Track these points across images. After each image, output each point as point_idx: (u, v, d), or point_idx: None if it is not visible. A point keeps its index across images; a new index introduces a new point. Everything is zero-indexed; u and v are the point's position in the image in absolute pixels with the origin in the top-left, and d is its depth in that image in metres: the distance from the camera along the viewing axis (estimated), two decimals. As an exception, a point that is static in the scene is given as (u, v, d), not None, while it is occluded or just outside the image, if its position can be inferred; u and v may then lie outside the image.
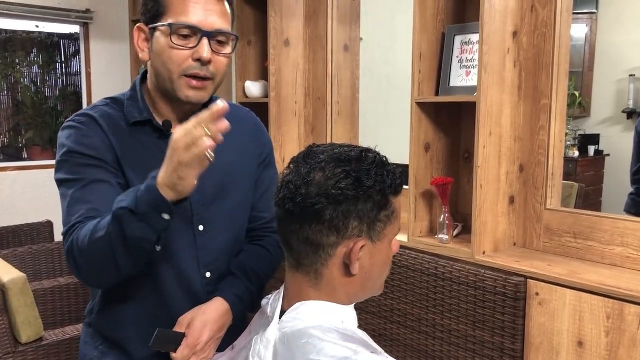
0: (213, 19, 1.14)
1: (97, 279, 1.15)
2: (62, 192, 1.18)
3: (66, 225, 1.13)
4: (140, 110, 1.22)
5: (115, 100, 1.26)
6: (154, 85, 1.22)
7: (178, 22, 1.12)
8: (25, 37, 4.45)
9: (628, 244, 1.72)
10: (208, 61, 1.15)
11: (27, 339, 1.98)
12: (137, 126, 1.22)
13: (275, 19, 2.80)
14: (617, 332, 1.54)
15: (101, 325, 1.29)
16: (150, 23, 1.17)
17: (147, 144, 1.22)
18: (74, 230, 1.10)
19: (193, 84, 1.16)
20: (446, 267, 1.88)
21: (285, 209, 0.91)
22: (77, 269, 1.11)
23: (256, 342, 0.97)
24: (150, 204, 0.99)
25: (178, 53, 1.14)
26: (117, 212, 1.01)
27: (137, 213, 0.99)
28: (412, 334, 2.00)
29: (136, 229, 1.00)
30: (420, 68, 2.04)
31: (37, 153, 4.59)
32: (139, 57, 1.22)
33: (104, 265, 1.07)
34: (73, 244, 1.09)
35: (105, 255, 1.05)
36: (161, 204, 0.99)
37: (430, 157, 2.09)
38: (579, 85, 4.69)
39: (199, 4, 1.13)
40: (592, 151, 4.59)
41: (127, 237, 1.01)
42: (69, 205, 1.15)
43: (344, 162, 0.90)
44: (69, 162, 1.17)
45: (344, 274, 0.93)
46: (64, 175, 1.18)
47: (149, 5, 1.17)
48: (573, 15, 1.94)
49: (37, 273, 3.00)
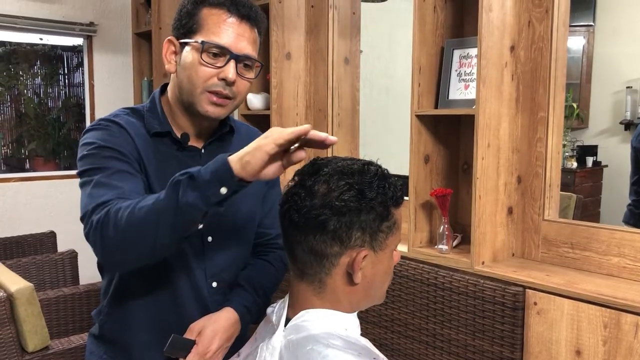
0: (243, 44, 1.20)
1: (125, 255, 1.08)
2: (85, 180, 1.16)
3: (89, 205, 1.09)
4: (160, 121, 1.26)
5: (135, 110, 1.29)
6: (175, 97, 1.26)
7: (210, 40, 1.17)
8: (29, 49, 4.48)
9: (625, 254, 1.75)
10: (232, 82, 1.19)
11: (34, 347, 2.00)
12: (157, 137, 1.25)
13: (277, 33, 2.84)
14: (614, 341, 1.56)
15: (109, 327, 1.30)
16: (182, 38, 1.21)
17: (166, 154, 1.25)
18: (105, 207, 1.06)
19: (214, 99, 1.20)
20: (446, 277, 1.91)
21: (290, 220, 0.95)
22: (104, 244, 1.06)
23: (262, 350, 1.00)
24: (214, 171, 0.98)
25: (205, 70, 1.18)
26: (177, 178, 1.00)
27: (198, 179, 0.98)
28: (413, 344, 2.02)
29: (191, 196, 0.98)
30: (420, 81, 2.08)
31: (40, 164, 4.62)
32: (165, 68, 1.26)
33: (141, 239, 1.03)
34: (107, 216, 1.04)
35: (146, 227, 1.02)
36: (225, 173, 0.98)
37: (429, 169, 2.12)
38: (576, 97, 4.72)
39: (232, 27, 1.19)
40: (590, 162, 4.61)
41: (178, 204, 0.98)
42: (95, 187, 1.12)
43: (347, 175, 0.93)
44: (96, 155, 1.17)
45: (347, 282, 0.96)
46: (89, 165, 1.17)
47: (183, 21, 1.21)
48: (570, 28, 1.97)
49: (40, 283, 3.02)
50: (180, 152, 1.27)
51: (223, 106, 1.22)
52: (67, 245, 3.41)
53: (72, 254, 3.18)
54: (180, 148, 1.27)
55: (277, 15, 2.83)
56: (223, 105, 1.22)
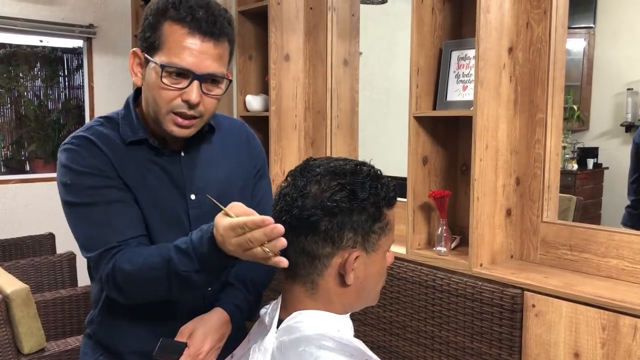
0: (207, 62, 1.13)
1: (140, 301, 1.19)
2: (74, 216, 1.19)
3: (91, 249, 1.16)
4: (134, 129, 1.23)
5: (110, 119, 1.26)
6: (146, 109, 1.22)
7: (171, 62, 1.11)
8: (29, 51, 4.49)
9: (623, 256, 1.74)
10: (196, 104, 1.15)
11: (30, 349, 2.00)
12: (133, 145, 1.22)
13: (275, 34, 2.84)
14: (613, 343, 1.55)
15: (102, 333, 1.30)
16: (146, 52, 1.16)
17: (145, 161, 1.23)
18: (111, 256, 1.13)
19: (179, 121, 1.16)
20: (444, 279, 1.90)
21: (282, 220, 0.94)
22: (120, 293, 1.15)
23: (254, 351, 0.99)
24: (217, 263, 1.04)
25: (167, 93, 1.13)
26: (183, 274, 1.05)
27: (203, 270, 1.05)
28: (411, 346, 2.01)
29: (203, 280, 1.07)
30: (418, 83, 2.07)
31: (40, 166, 4.62)
32: (132, 80, 1.22)
33: (156, 294, 1.13)
34: (115, 271, 1.12)
35: (159, 287, 1.10)
36: (226, 260, 1.02)
37: (428, 170, 2.12)
38: (577, 99, 4.71)
39: (195, 45, 1.12)
40: (590, 164, 4.59)
41: (193, 285, 1.08)
42: (91, 227, 1.16)
43: (339, 175, 0.93)
44: (78, 185, 1.17)
45: (339, 284, 0.95)
46: (75, 199, 1.17)
47: (146, 34, 1.16)
48: (570, 30, 1.97)
49: (38, 285, 3.01)
50: (159, 158, 1.24)
51: (190, 127, 1.18)
52: (66, 247, 3.41)
53: (70, 256, 3.18)
54: (159, 154, 1.24)
55: (275, 17, 2.83)
56: (189, 126, 1.18)
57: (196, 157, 1.28)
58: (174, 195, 1.24)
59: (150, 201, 1.21)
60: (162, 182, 1.24)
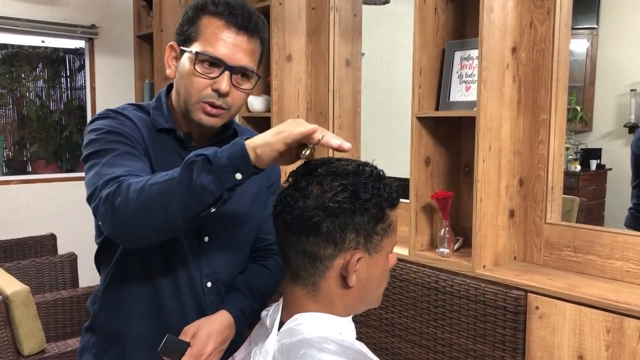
0: (239, 55, 1.18)
1: (134, 230, 1.07)
2: (92, 163, 1.16)
3: (98, 182, 1.10)
4: (165, 118, 1.27)
5: (141, 107, 1.31)
6: (176, 101, 1.27)
7: (205, 51, 1.17)
8: (31, 52, 4.49)
9: (628, 258, 1.73)
10: (225, 93, 1.18)
11: (30, 351, 1.99)
12: (162, 133, 1.26)
13: (277, 35, 2.83)
14: (617, 346, 1.54)
15: (103, 317, 1.30)
16: (182, 44, 1.21)
17: (170, 150, 1.26)
18: (115, 182, 1.07)
19: (207, 109, 1.20)
20: (447, 280, 1.89)
21: (284, 221, 0.93)
22: (114, 217, 1.05)
23: (255, 354, 0.98)
24: (231, 156, 0.99)
25: (199, 80, 1.18)
26: (192, 158, 1.00)
27: (214, 162, 0.98)
28: (413, 348, 2.00)
29: (206, 179, 0.98)
30: (421, 83, 2.06)
31: (42, 166, 4.61)
32: (166, 72, 1.27)
33: (152, 215, 1.03)
34: (118, 189, 1.05)
35: (157, 203, 1.01)
36: (242, 159, 0.98)
37: (430, 171, 2.11)
38: (580, 100, 4.70)
39: (229, 38, 1.17)
40: (594, 165, 4.59)
41: (192, 185, 0.98)
42: (103, 166, 1.13)
43: (341, 176, 0.92)
44: (103, 139, 1.18)
45: (341, 285, 0.94)
46: (96, 148, 1.17)
47: (184, 27, 1.21)
48: (574, 31, 1.96)
49: (40, 286, 3.01)
50: (184, 151, 1.26)
51: (217, 116, 1.22)
52: (67, 248, 3.41)
53: (71, 257, 3.18)
54: (183, 147, 1.27)
55: (277, 17, 2.82)
56: (217, 115, 1.21)
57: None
58: None
59: None
60: None
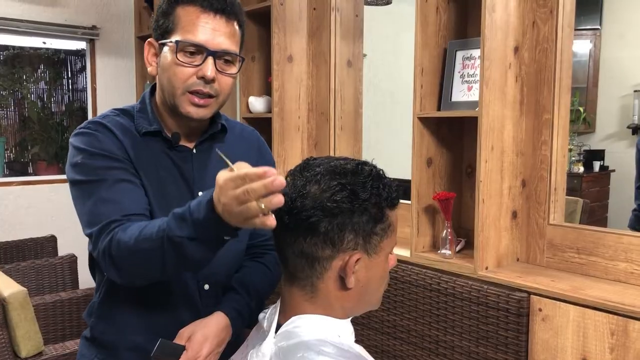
0: (220, 39, 1.16)
1: (136, 279, 1.12)
2: (81, 193, 1.16)
3: (94, 224, 1.11)
4: (150, 121, 1.25)
5: (125, 111, 1.28)
6: (161, 99, 1.25)
7: (185, 39, 1.15)
8: (33, 53, 4.48)
9: (632, 260, 1.71)
10: (211, 79, 1.16)
11: (27, 353, 1.98)
12: (147, 136, 1.24)
13: (278, 35, 2.81)
14: (622, 348, 1.52)
15: (100, 329, 1.29)
16: (160, 39, 1.20)
17: (157, 153, 1.24)
18: (111, 230, 1.08)
19: (195, 100, 1.18)
20: (449, 282, 1.87)
21: (281, 221, 0.91)
22: (115, 269, 1.09)
23: (252, 357, 0.96)
24: (212, 232, 0.95)
25: (183, 70, 1.16)
26: (176, 240, 0.97)
27: (198, 239, 0.96)
28: (415, 350, 1.98)
29: (197, 252, 0.98)
30: (422, 83, 2.04)
31: (43, 168, 4.60)
32: (148, 70, 1.24)
33: (150, 269, 1.05)
34: (112, 243, 1.06)
35: (153, 258, 1.02)
36: (222, 229, 0.94)
37: (432, 172, 2.09)
38: (583, 101, 4.67)
39: (208, 23, 1.16)
40: (597, 167, 4.56)
41: (187, 257, 0.99)
42: (96, 204, 1.13)
43: (340, 175, 0.90)
44: (88, 165, 1.17)
45: (339, 287, 0.92)
46: (84, 177, 1.17)
47: (160, 21, 1.20)
48: (577, 31, 1.94)
49: (39, 287, 2.99)
50: (172, 152, 1.26)
51: (206, 106, 1.20)
52: (68, 249, 3.39)
53: (71, 258, 3.16)
54: (172, 148, 1.25)
55: (278, 18, 2.81)
56: (205, 105, 1.19)
57: (207, 156, 1.29)
58: (182, 190, 1.25)
59: (158, 193, 1.22)
60: (172, 176, 1.25)
